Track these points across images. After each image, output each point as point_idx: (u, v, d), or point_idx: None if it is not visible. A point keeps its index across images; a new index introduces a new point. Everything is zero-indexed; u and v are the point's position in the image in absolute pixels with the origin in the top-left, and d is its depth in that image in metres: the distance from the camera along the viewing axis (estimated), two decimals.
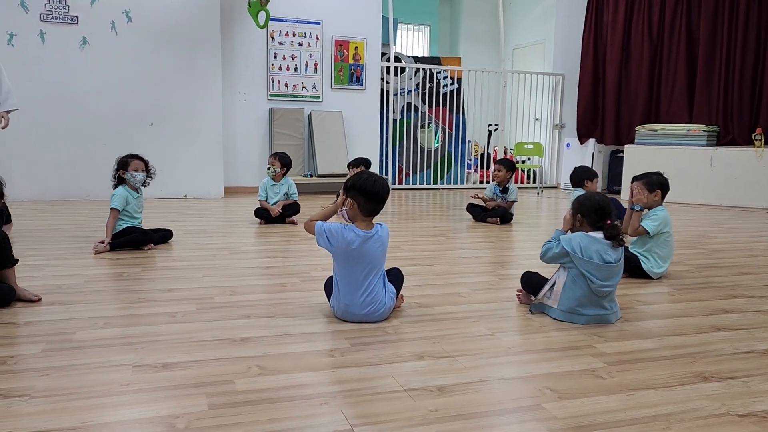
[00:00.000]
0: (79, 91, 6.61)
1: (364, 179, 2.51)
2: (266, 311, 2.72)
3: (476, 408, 1.80)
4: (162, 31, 6.87)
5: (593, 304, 2.62)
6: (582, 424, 1.71)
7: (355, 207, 2.50)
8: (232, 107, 7.64)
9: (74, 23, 6.54)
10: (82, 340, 2.30)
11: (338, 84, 8.16)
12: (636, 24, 8.61)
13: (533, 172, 9.78)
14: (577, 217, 2.73)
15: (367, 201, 2.49)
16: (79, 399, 1.80)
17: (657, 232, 3.51)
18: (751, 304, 3.03)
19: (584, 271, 2.59)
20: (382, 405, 1.81)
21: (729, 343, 2.43)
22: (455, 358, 2.20)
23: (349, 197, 2.52)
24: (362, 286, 2.50)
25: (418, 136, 9.15)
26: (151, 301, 2.87)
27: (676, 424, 1.72)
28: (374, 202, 2.51)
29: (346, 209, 2.54)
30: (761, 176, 7.21)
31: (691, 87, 8.29)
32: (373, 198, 2.50)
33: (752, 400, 1.89)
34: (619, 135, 8.85)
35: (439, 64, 9.46)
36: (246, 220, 5.48)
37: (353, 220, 2.54)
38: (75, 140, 6.64)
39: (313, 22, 7.96)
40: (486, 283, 3.36)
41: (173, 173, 7.04)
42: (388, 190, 2.55)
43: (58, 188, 6.64)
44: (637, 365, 2.17)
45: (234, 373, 2.01)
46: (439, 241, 4.70)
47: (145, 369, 2.03)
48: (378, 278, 2.54)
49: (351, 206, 2.51)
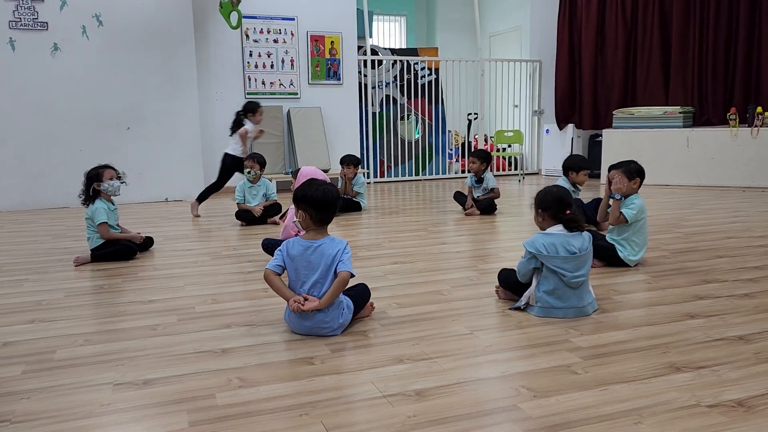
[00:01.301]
0: (53, 97, 6.55)
1: (313, 190, 2.52)
2: (247, 319, 2.74)
3: (453, 411, 1.83)
4: (134, 34, 6.80)
5: (568, 297, 2.67)
6: (556, 422, 1.75)
7: (307, 218, 2.52)
8: (209, 108, 7.60)
9: (44, 29, 6.45)
10: (62, 359, 2.31)
11: (316, 79, 8.14)
12: (610, 7, 8.66)
13: (514, 160, 9.83)
14: (539, 212, 2.79)
15: (317, 211, 2.50)
16: (60, 422, 1.81)
17: (635, 219, 3.56)
18: (724, 289, 3.09)
19: (554, 267, 2.64)
20: (361, 413, 1.84)
21: (701, 331, 2.48)
22: (434, 359, 2.23)
23: (299, 209, 2.53)
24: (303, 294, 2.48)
25: (398, 128, 9.16)
26: (131, 314, 2.87)
27: (647, 418, 1.77)
28: (324, 212, 2.52)
29: (299, 220, 2.55)
30: (737, 155, 7.32)
31: (665, 69, 8.36)
32: (321, 208, 2.50)
33: (721, 389, 1.94)
34: (597, 119, 8.92)
35: (416, 55, 9.45)
36: (227, 222, 5.48)
37: (306, 230, 2.56)
38: (51, 148, 6.58)
39: (287, 18, 7.92)
40: (466, 279, 3.39)
41: (153, 177, 7.00)
42: (335, 198, 2.54)
43: (35, 197, 6.59)
44: (611, 358, 2.22)
45: (215, 387, 2.03)
46: (420, 236, 4.73)
47: (126, 387, 2.04)
48: (321, 292, 2.46)
49: (303, 218, 2.53)
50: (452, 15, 11.21)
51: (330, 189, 2.54)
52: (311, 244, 2.49)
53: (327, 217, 2.54)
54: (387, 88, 9.06)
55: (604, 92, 8.84)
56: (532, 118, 9.77)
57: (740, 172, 7.31)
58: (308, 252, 2.48)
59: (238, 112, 5.68)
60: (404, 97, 9.16)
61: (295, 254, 2.50)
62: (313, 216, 2.51)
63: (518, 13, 10.02)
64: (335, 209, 2.56)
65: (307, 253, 2.48)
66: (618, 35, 8.60)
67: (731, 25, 7.91)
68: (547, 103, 9.57)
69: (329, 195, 2.52)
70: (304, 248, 2.49)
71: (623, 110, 8.24)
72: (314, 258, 2.47)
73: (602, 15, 8.75)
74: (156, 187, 7.04)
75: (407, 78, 9.12)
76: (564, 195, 2.77)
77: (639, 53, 8.53)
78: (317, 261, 2.47)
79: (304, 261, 2.48)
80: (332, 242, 2.51)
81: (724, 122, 7.69)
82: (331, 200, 2.52)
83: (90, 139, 6.69)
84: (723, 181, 7.41)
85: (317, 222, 2.52)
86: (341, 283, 2.45)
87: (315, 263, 2.47)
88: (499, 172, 9.51)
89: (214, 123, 7.64)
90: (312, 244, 2.49)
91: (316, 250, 2.48)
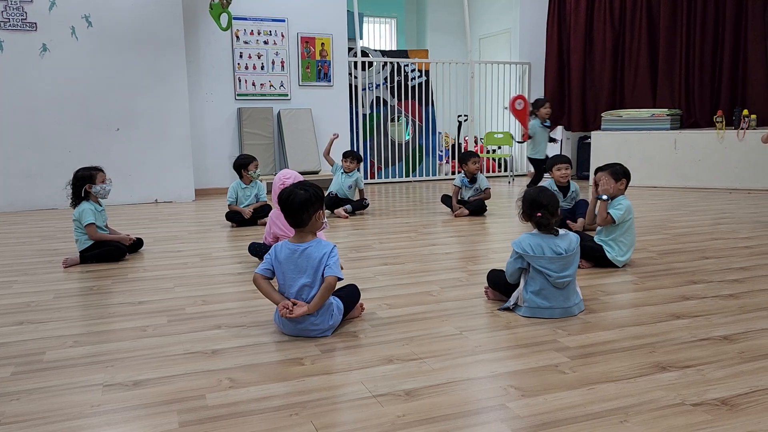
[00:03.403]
0: (42, 98, 6.51)
1: (282, 193, 2.54)
2: (237, 321, 2.74)
3: (442, 411, 1.85)
4: (124, 35, 6.78)
5: (554, 297, 2.70)
6: (544, 421, 1.78)
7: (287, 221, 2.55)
8: (199, 109, 7.59)
9: (33, 30, 6.42)
10: (52, 361, 2.30)
11: (306, 81, 8.14)
12: (598, 11, 8.73)
13: (504, 161, 9.87)
14: (519, 213, 2.89)
15: (285, 215, 2.53)
16: (50, 423, 1.82)
17: (622, 220, 3.60)
18: (710, 290, 3.13)
19: (540, 267, 2.68)
20: (351, 413, 1.86)
21: (687, 331, 2.52)
22: (424, 360, 2.25)
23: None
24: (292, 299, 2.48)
25: (389, 129, 9.18)
26: (121, 315, 2.87)
27: (633, 417, 1.79)
28: (288, 215, 2.52)
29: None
30: (723, 158, 7.40)
31: (653, 72, 8.44)
32: (285, 212, 2.52)
33: (706, 388, 1.98)
34: (586, 121, 8.98)
35: (407, 57, 9.48)
36: (218, 224, 5.47)
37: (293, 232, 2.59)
38: (40, 149, 6.55)
39: (277, 20, 7.92)
40: (456, 280, 3.42)
41: (143, 178, 6.98)
42: (298, 203, 2.46)
43: (24, 198, 6.55)
44: (598, 358, 2.25)
45: (205, 388, 2.04)
46: (410, 237, 4.75)
47: (116, 388, 2.05)
48: (310, 296, 2.46)
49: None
50: (442, 17, 11.25)
51: (295, 195, 2.48)
52: (297, 248, 2.50)
53: (295, 220, 2.51)
54: (377, 90, 9.08)
55: (592, 95, 8.90)
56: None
57: (726, 174, 7.39)
58: (295, 255, 2.49)
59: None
60: (394, 99, 9.18)
61: (283, 258, 2.51)
62: (287, 219, 2.53)
63: (508, 15, 10.07)
64: (295, 215, 2.49)
65: (294, 257, 2.49)
66: (606, 38, 8.67)
67: (718, 29, 8.00)
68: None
69: (290, 200, 2.48)
70: (291, 252, 2.50)
71: (611, 112, 8.30)
72: (301, 261, 2.48)
73: (590, 18, 8.82)
74: (145, 188, 7.02)
75: (397, 80, 9.15)
76: (538, 196, 2.79)
77: (627, 56, 8.60)
78: (304, 264, 2.47)
79: (291, 264, 2.49)
80: (319, 245, 2.50)
81: (710, 125, 7.78)
82: (293, 204, 2.46)
83: (79, 140, 6.66)
84: (709, 183, 7.49)
85: (292, 225, 2.54)
86: (328, 288, 2.45)
87: (302, 266, 2.48)
88: (489, 173, 9.55)
89: (204, 124, 7.63)
90: (298, 248, 2.49)
91: (303, 253, 2.48)
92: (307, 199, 2.48)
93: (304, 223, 2.51)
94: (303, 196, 2.48)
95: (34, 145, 6.53)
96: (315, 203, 2.50)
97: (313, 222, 2.52)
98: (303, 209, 2.48)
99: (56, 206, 6.57)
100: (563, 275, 2.69)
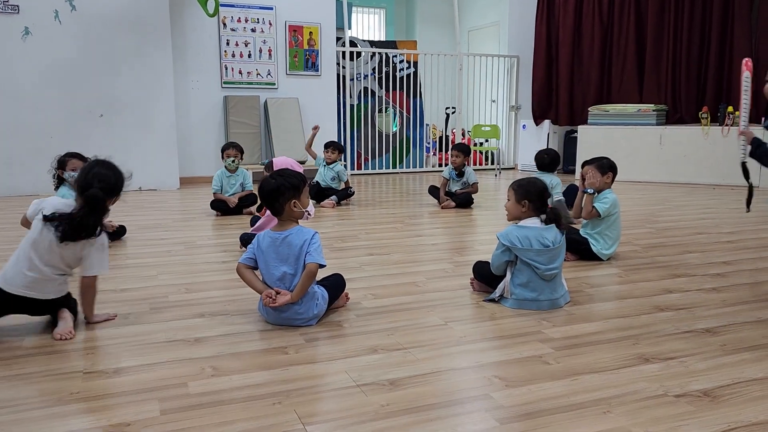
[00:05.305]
0: (24, 83, 6.40)
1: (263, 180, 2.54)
2: (221, 309, 2.72)
3: (426, 401, 1.84)
4: (108, 19, 6.67)
5: (542, 289, 2.70)
6: (527, 411, 1.78)
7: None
8: (185, 96, 7.50)
9: (15, 12, 6.29)
10: (31, 347, 2.27)
11: (293, 70, 8.08)
12: (587, 5, 8.74)
13: (491, 154, 9.89)
14: (522, 202, 2.79)
15: (263, 201, 2.53)
16: (28, 410, 1.78)
17: (607, 213, 3.61)
18: (693, 283, 3.15)
19: (527, 260, 2.67)
20: (334, 402, 1.85)
21: (670, 324, 2.53)
22: (408, 350, 2.24)
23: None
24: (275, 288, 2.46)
25: (376, 120, 9.14)
26: (103, 302, 2.82)
27: (616, 407, 1.80)
28: (265, 201, 2.52)
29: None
30: (708, 153, 7.45)
31: (640, 67, 8.48)
32: (263, 198, 2.52)
33: (689, 380, 1.99)
34: (573, 115, 9.01)
35: (395, 47, 9.44)
36: (202, 212, 5.42)
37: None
38: (21, 135, 6.43)
39: (265, 8, 7.84)
40: (441, 271, 3.41)
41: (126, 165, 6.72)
42: (267, 191, 2.47)
43: (5, 185, 6.44)
44: (582, 349, 2.25)
45: (187, 375, 2.02)
46: (397, 228, 4.74)
47: (97, 375, 2.02)
48: (292, 285, 2.44)
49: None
50: (431, 9, 11.21)
51: (267, 181, 2.49)
52: (279, 236, 2.47)
53: (270, 209, 2.51)
54: (365, 81, 9.04)
55: (580, 89, 8.93)
56: (509, 114, 9.83)
57: (711, 170, 7.44)
58: (276, 243, 2.47)
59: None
60: (382, 90, 9.14)
61: (265, 246, 2.49)
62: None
63: (497, 8, 10.05)
64: (270, 201, 2.48)
65: (276, 245, 2.47)
66: (594, 33, 8.70)
67: (704, 26, 8.04)
68: (524, 98, 9.64)
69: (263, 187, 2.49)
70: (273, 240, 2.48)
71: (598, 107, 8.33)
72: (282, 249, 2.46)
73: (579, 13, 8.83)
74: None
75: (386, 71, 9.10)
76: (546, 188, 2.82)
77: (615, 51, 8.63)
78: (285, 252, 2.45)
79: (273, 253, 2.47)
80: (300, 232, 2.48)
81: (696, 121, 7.83)
82: (262, 192, 2.48)
83: (61, 126, 6.55)
84: (694, 179, 7.55)
85: (272, 213, 2.53)
86: (309, 275, 2.43)
87: (283, 254, 2.45)
88: (476, 166, 9.55)
89: (190, 112, 7.54)
90: (280, 236, 2.47)
91: (284, 241, 2.46)
92: (275, 188, 2.46)
93: (278, 212, 2.49)
94: (272, 185, 2.47)
95: (15, 131, 6.41)
96: (285, 192, 2.45)
97: (288, 211, 2.48)
98: (273, 198, 2.46)
99: (38, 192, 6.46)
100: (551, 267, 2.69)
